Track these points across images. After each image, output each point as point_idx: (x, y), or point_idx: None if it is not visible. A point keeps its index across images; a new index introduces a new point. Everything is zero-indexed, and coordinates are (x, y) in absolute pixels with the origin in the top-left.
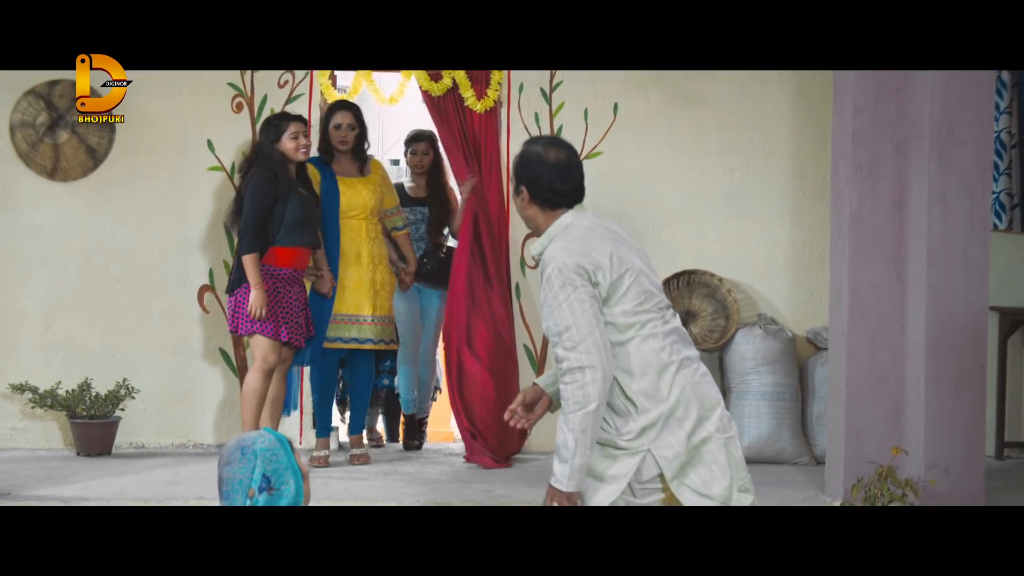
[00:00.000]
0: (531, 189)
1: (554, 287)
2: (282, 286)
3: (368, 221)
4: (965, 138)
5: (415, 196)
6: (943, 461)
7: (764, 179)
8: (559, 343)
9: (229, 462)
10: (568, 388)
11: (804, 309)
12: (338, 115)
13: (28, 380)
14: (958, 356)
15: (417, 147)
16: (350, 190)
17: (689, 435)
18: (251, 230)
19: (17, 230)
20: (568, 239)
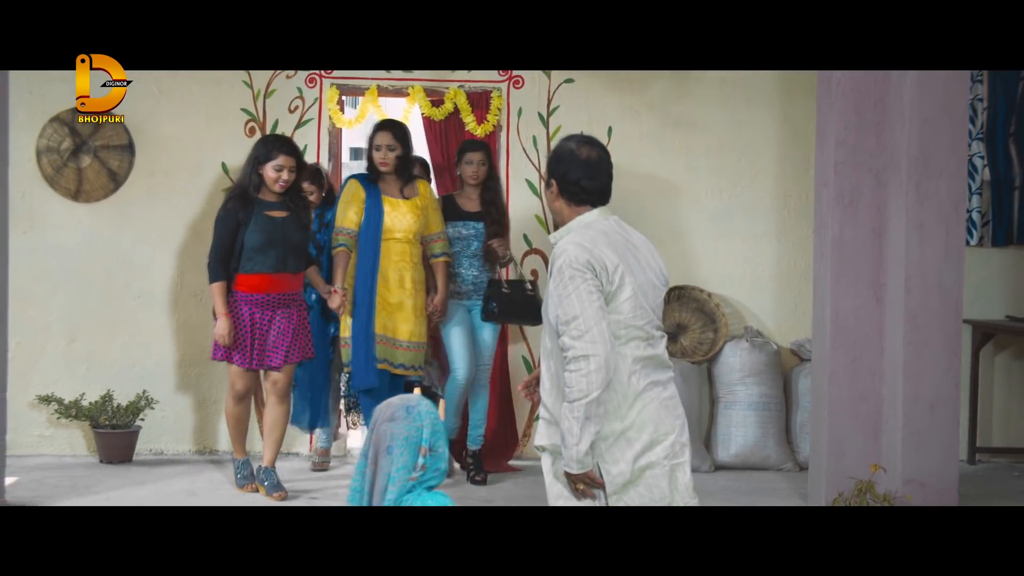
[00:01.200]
0: (560, 183)
1: (564, 278)
2: (254, 313)
3: (412, 244)
4: (940, 170)
5: (468, 210)
6: (919, 476)
7: (750, 199)
8: (566, 332)
9: (393, 419)
10: (572, 376)
11: (788, 322)
12: (378, 135)
13: (54, 391)
14: (933, 377)
15: (473, 157)
16: (394, 211)
17: (637, 456)
18: (214, 257)
19: (43, 249)
20: (583, 236)
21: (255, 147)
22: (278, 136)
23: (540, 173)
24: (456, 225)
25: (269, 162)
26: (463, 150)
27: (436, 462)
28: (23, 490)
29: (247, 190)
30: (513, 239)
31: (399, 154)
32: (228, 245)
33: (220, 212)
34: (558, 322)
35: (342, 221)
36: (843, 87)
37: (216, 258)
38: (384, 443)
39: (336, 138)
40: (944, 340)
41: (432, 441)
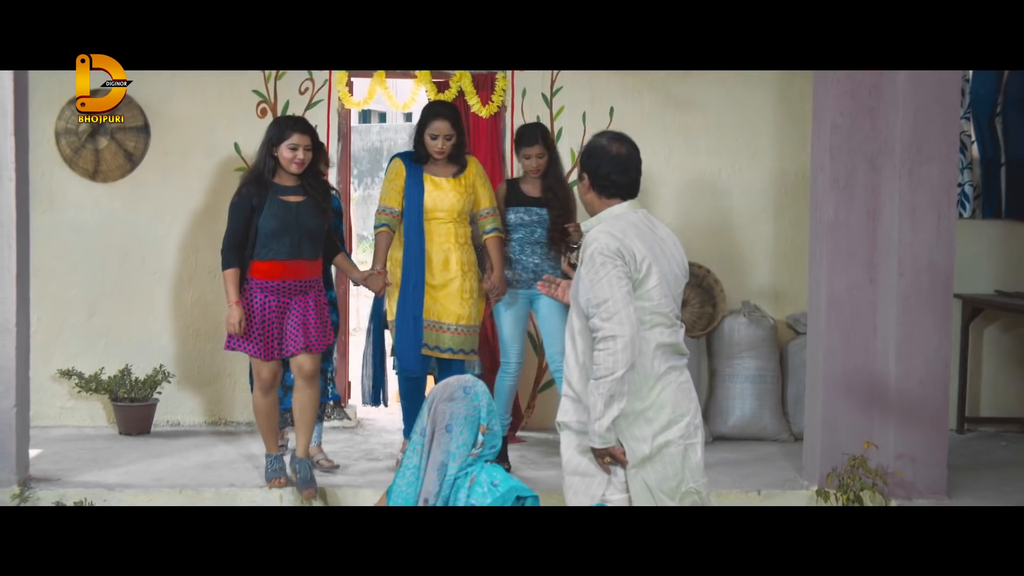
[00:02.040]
0: (592, 176)
1: (595, 264)
2: (269, 300)
3: (457, 224)
4: (932, 156)
5: (531, 195)
6: (910, 451)
7: (748, 177)
8: (596, 314)
9: (452, 399)
10: (601, 355)
11: (785, 296)
12: (435, 124)
13: (74, 364)
14: (924, 356)
15: (530, 151)
16: (437, 190)
17: (655, 434)
18: (227, 244)
19: (63, 227)
20: (614, 226)
21: (268, 129)
22: (291, 116)
23: None
24: (518, 211)
25: (283, 142)
26: (519, 143)
27: (492, 439)
28: (46, 462)
29: (262, 174)
30: None
31: (455, 142)
32: (242, 231)
33: (234, 198)
34: (588, 304)
35: (384, 200)
36: (839, 73)
37: (229, 244)
38: (443, 421)
39: (345, 119)
40: (935, 320)
41: (489, 420)
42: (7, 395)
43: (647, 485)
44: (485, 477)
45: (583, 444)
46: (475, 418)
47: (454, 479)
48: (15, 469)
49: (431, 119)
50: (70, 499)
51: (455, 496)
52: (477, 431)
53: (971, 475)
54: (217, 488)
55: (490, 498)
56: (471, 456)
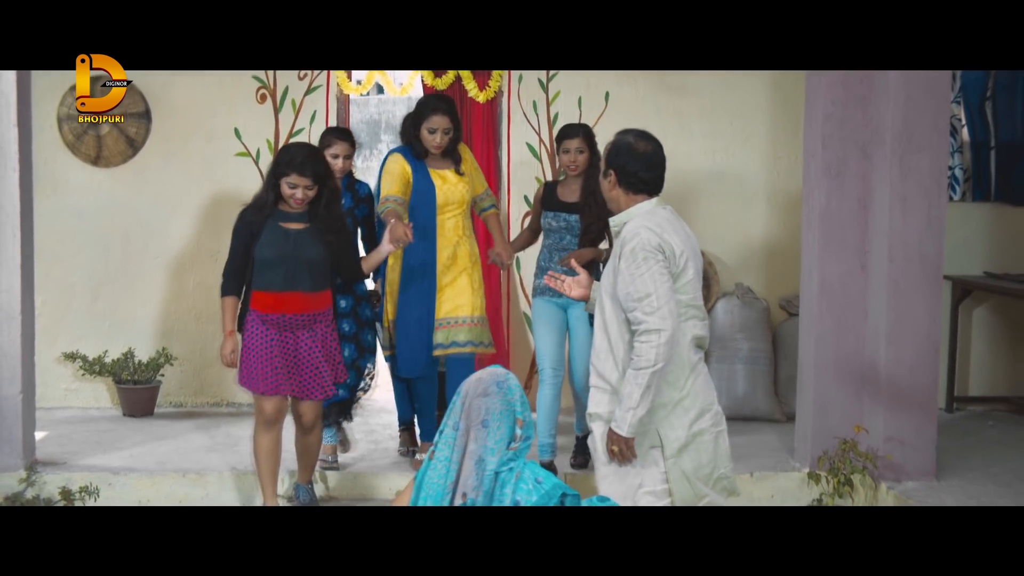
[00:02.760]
0: (619, 174)
1: (637, 259)
2: (270, 332)
3: (464, 216)
4: (923, 145)
5: (565, 200)
6: (899, 435)
7: (742, 161)
8: (638, 308)
9: (487, 394)
10: (643, 346)
11: (778, 279)
12: (434, 119)
13: (79, 347)
14: (914, 342)
15: (569, 144)
16: (445, 184)
17: (691, 423)
18: (227, 270)
19: (66, 212)
20: (651, 221)
21: (276, 155)
22: (299, 151)
23: (540, 137)
24: (548, 216)
25: (283, 178)
26: (560, 136)
27: (527, 431)
28: (51, 445)
29: (263, 200)
30: (513, 200)
31: (452, 136)
32: (241, 257)
33: (236, 222)
34: (629, 298)
35: (388, 190)
36: None
37: (229, 270)
38: (479, 416)
39: (344, 104)
40: (925, 307)
41: (523, 413)
42: (13, 381)
43: (684, 474)
44: (529, 474)
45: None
46: (511, 412)
47: (495, 474)
48: (22, 454)
49: (429, 113)
50: (76, 483)
51: (500, 491)
52: (514, 425)
53: (959, 456)
54: (220, 472)
55: (536, 495)
56: (510, 450)
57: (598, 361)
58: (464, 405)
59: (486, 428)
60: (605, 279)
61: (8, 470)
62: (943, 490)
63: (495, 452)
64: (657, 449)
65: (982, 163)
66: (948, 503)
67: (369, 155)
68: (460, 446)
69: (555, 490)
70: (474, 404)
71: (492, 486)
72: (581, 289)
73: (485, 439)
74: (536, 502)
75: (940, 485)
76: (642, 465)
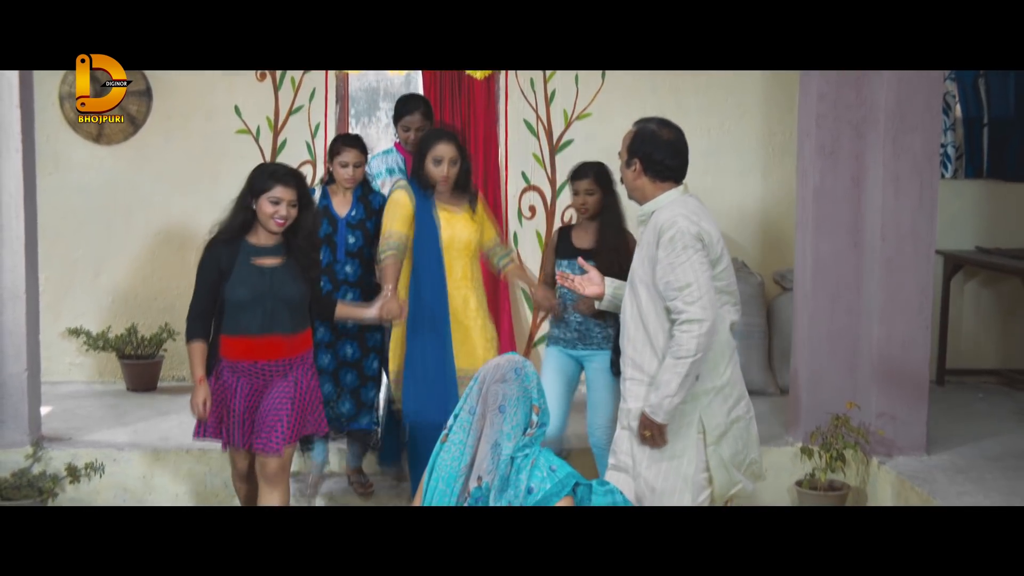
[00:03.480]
0: (644, 162)
1: (677, 248)
2: (241, 382)
3: (474, 259)
4: (915, 125)
5: (579, 246)
6: (890, 410)
7: (737, 137)
8: (679, 297)
9: (504, 380)
10: (684, 336)
11: (772, 254)
12: (439, 147)
13: (82, 323)
14: (906, 319)
15: (579, 186)
16: (452, 224)
17: (730, 410)
18: (193, 312)
19: (68, 189)
20: (686, 209)
21: (249, 177)
22: (278, 164)
23: (537, 114)
24: (562, 264)
25: (264, 194)
26: (570, 176)
27: (543, 417)
28: (57, 421)
29: (234, 231)
30: (511, 176)
31: (461, 167)
32: (209, 298)
33: (202, 257)
34: (668, 287)
35: (390, 225)
36: None
37: (195, 312)
38: (495, 402)
39: (343, 81)
40: (916, 285)
41: (540, 401)
42: (18, 359)
43: (723, 461)
44: (544, 461)
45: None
46: (527, 399)
47: (511, 459)
48: (28, 430)
49: (433, 143)
50: (81, 459)
51: (516, 477)
52: (530, 411)
53: (949, 429)
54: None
55: (550, 483)
56: (526, 436)
57: (635, 353)
58: (481, 390)
59: (503, 413)
60: (639, 268)
61: (15, 446)
62: (933, 464)
63: (511, 437)
64: (700, 436)
65: (975, 139)
66: (939, 479)
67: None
68: (476, 430)
69: (569, 479)
70: (491, 390)
71: (507, 471)
72: (595, 287)
73: (501, 424)
74: (550, 490)
75: (931, 459)
76: (682, 452)
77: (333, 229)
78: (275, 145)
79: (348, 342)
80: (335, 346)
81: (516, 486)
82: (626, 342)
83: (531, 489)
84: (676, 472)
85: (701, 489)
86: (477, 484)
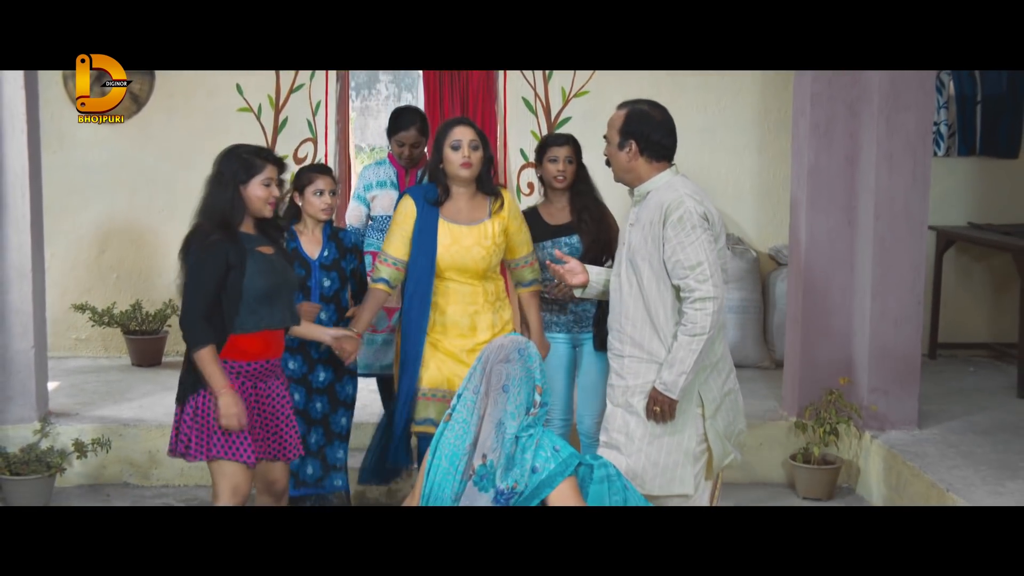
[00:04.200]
0: (642, 143)
1: (686, 227)
2: (247, 386)
3: (487, 281)
4: (909, 104)
5: (555, 223)
6: (883, 386)
7: (733, 114)
8: (690, 276)
9: (508, 360)
10: (697, 314)
11: (767, 229)
12: (456, 130)
13: (87, 299)
14: (898, 296)
15: (558, 152)
16: (455, 243)
17: (723, 384)
18: (196, 314)
19: (73, 166)
20: (689, 189)
21: (226, 162)
22: (256, 146)
23: (535, 92)
24: (544, 246)
25: (254, 178)
26: (545, 145)
27: (545, 397)
28: (63, 396)
29: (230, 219)
30: (510, 154)
31: (483, 155)
32: (214, 299)
33: (201, 250)
34: (678, 266)
35: (386, 246)
36: None
37: (200, 313)
38: (499, 381)
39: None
40: (909, 262)
41: (543, 381)
42: (25, 336)
43: (718, 432)
44: (548, 442)
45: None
46: (531, 379)
47: (516, 438)
48: (35, 406)
49: (451, 128)
50: (88, 435)
51: (522, 456)
52: (533, 391)
53: (941, 403)
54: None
55: (554, 463)
56: (530, 416)
57: (635, 331)
58: (485, 370)
59: (506, 393)
60: (642, 247)
61: (23, 421)
62: (925, 439)
63: (515, 417)
64: (700, 411)
65: (968, 117)
66: (930, 453)
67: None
68: (479, 409)
69: (572, 459)
70: (495, 370)
71: (513, 450)
72: (580, 275)
73: (505, 404)
74: (554, 470)
75: (922, 434)
76: (683, 427)
77: (307, 273)
78: (276, 123)
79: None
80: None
81: (522, 465)
82: (623, 320)
83: (535, 468)
84: (678, 447)
85: (697, 461)
86: (482, 462)
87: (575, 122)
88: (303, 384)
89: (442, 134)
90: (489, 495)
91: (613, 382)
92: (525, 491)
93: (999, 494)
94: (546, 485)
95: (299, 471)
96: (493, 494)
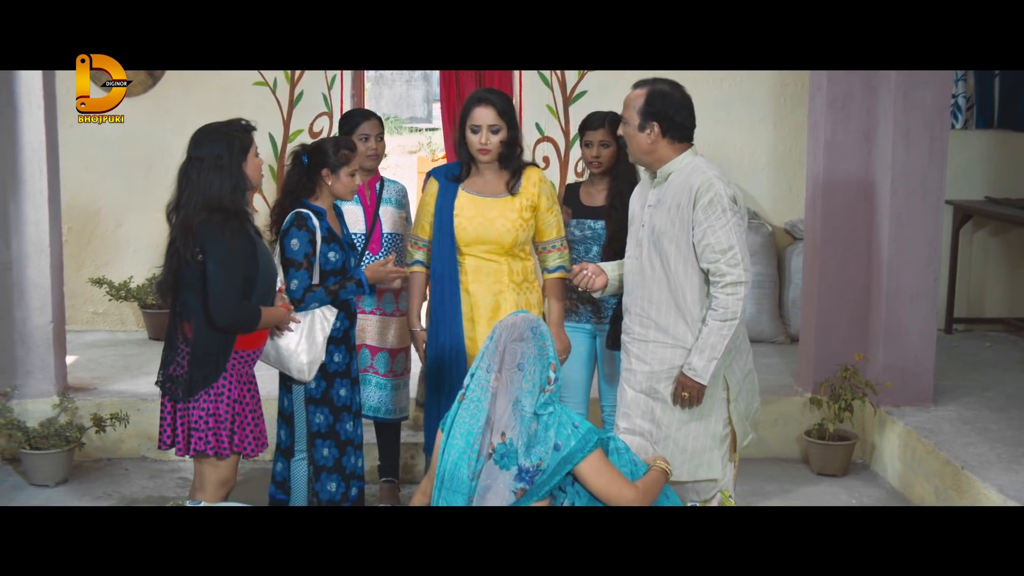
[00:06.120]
0: (665, 124)
1: (716, 211)
2: (251, 377)
3: (514, 258)
4: (927, 79)
5: (590, 204)
6: (898, 363)
7: (749, 88)
8: (721, 260)
9: (522, 339)
10: (729, 299)
11: (783, 203)
12: (476, 112)
13: (104, 273)
14: (914, 272)
15: (593, 136)
16: (478, 215)
17: (743, 366)
18: (234, 296)
19: (89, 141)
20: (714, 171)
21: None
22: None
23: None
24: (570, 225)
25: (250, 152)
26: (582, 127)
27: (559, 374)
28: (81, 370)
29: (240, 202)
30: (525, 128)
31: (504, 138)
32: (241, 279)
33: (220, 231)
34: (709, 250)
35: (414, 228)
36: None
37: (233, 296)
38: (514, 360)
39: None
40: (925, 238)
41: (555, 358)
42: (44, 311)
43: (740, 414)
44: (567, 419)
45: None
46: (544, 357)
47: (536, 415)
48: (54, 380)
49: (471, 107)
50: (106, 409)
51: (544, 434)
52: (547, 368)
53: (956, 379)
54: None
55: (574, 440)
56: (545, 394)
57: (658, 315)
58: (498, 348)
59: (521, 371)
60: (669, 229)
61: (42, 396)
62: (940, 416)
63: (531, 394)
64: (725, 394)
65: (987, 90)
66: (945, 430)
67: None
68: (492, 387)
69: (591, 434)
70: (509, 348)
71: (533, 427)
72: (600, 277)
73: (521, 382)
74: (575, 447)
75: (937, 411)
76: (710, 411)
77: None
78: (292, 97)
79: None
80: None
81: (545, 443)
82: (647, 304)
83: (558, 446)
84: (706, 432)
85: (723, 444)
86: (501, 440)
87: (591, 96)
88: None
89: (465, 112)
90: (511, 472)
91: (633, 367)
92: (548, 468)
93: (1014, 471)
94: (567, 462)
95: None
96: (516, 472)
